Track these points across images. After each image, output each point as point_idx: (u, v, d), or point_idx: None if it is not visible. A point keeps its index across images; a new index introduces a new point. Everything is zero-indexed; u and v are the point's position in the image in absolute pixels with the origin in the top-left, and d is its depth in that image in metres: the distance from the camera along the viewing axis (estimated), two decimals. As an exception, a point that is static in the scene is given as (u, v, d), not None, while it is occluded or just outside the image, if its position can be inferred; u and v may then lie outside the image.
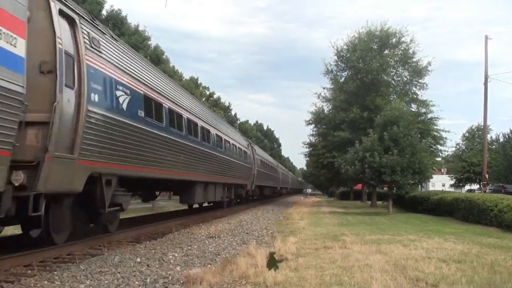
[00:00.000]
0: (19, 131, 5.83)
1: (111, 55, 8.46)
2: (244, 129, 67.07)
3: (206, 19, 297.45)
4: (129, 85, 9.04)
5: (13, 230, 11.89)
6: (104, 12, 30.88)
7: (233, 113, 67.02)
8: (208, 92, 54.87)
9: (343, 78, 32.66)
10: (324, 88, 33.85)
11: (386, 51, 30.95)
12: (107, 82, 8.07)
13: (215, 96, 57.00)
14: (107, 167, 8.08)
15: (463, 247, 9.30)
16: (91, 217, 8.76)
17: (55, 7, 6.64)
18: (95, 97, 7.49)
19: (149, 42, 35.65)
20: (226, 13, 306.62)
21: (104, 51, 8.14)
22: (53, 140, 6.28)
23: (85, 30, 7.49)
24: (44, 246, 7.49)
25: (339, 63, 32.22)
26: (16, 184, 5.89)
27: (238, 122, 70.21)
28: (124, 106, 8.67)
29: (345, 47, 31.25)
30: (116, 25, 30.88)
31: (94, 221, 9.08)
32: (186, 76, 49.22)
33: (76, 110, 6.94)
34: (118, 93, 8.46)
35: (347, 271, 6.48)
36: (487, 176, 28.72)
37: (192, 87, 43.97)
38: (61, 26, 6.73)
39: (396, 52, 31.07)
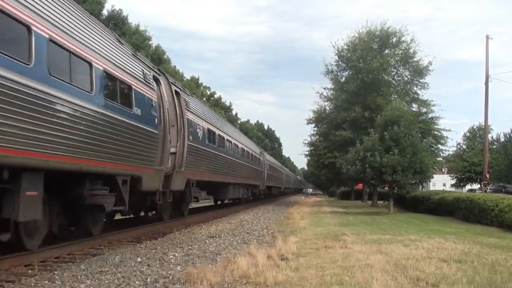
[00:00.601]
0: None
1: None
2: (245, 128, 67.09)
3: (207, 19, 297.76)
4: None
5: (14, 229, 11.95)
6: (105, 12, 30.88)
7: (233, 112, 67.30)
8: (209, 92, 55.06)
9: (343, 78, 32.57)
10: (325, 89, 33.88)
11: (386, 51, 30.85)
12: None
13: (215, 96, 57.20)
14: None
15: (464, 247, 9.29)
16: None
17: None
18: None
19: (150, 42, 35.67)
20: (227, 13, 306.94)
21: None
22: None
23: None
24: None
25: (340, 63, 32.14)
26: None
27: (239, 121, 70.35)
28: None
29: (345, 47, 31.15)
30: (117, 25, 30.88)
31: None
32: (187, 76, 49.37)
33: None
34: None
35: (347, 271, 6.48)
36: (488, 176, 28.70)
37: (193, 87, 44.03)
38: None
39: (396, 52, 30.96)
